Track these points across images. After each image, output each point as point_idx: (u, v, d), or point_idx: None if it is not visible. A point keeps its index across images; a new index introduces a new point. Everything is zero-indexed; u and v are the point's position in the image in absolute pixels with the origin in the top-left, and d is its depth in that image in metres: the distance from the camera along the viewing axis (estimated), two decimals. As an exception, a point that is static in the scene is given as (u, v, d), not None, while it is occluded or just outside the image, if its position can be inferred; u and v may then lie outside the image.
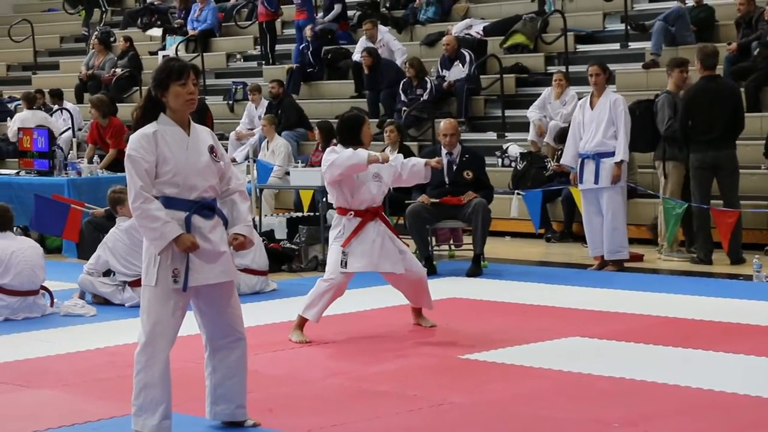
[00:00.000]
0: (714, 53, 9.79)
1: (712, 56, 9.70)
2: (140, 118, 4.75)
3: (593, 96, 9.65)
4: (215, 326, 4.86)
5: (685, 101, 9.73)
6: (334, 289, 6.76)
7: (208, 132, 4.88)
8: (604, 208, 9.54)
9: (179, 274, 4.65)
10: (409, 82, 14.04)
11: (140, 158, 4.62)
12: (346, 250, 6.72)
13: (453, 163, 9.71)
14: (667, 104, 9.87)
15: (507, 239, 11.79)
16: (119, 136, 11.80)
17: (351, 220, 6.80)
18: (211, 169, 4.75)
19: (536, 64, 14.63)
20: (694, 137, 9.64)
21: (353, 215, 6.79)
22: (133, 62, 17.68)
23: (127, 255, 8.20)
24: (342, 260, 6.71)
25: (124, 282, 8.27)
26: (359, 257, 6.72)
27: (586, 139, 9.56)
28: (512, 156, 12.70)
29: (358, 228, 6.77)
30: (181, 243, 4.62)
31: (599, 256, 9.68)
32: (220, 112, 16.32)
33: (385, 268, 6.83)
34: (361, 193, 6.79)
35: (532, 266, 10.10)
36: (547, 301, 8.08)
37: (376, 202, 6.87)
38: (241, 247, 4.81)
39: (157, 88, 4.72)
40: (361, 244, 6.74)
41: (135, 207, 4.61)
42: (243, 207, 4.85)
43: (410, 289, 7.05)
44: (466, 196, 9.54)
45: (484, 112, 14.33)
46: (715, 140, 9.59)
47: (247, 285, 8.55)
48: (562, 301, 8.07)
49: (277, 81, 14.85)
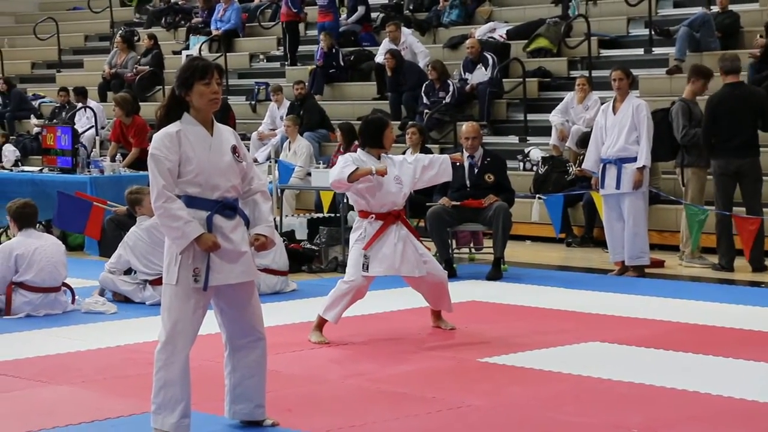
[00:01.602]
0: (735, 58, 9.76)
1: (733, 62, 9.67)
2: (164, 117, 4.76)
3: (616, 101, 9.62)
4: (235, 326, 4.88)
5: (708, 108, 9.69)
6: (354, 291, 6.78)
7: (231, 132, 4.90)
8: (625, 214, 9.51)
9: (200, 273, 4.67)
10: (432, 85, 14.03)
11: (163, 157, 4.64)
12: (368, 254, 6.73)
13: (474, 166, 9.70)
14: (682, 113, 9.84)
15: (527, 243, 11.76)
16: (142, 134, 11.85)
17: (372, 223, 6.81)
18: (234, 169, 4.77)
19: (559, 68, 14.60)
20: (717, 144, 9.59)
21: (375, 218, 6.81)
22: (156, 60, 17.76)
23: (147, 254, 8.25)
24: (364, 263, 6.73)
25: (144, 281, 8.32)
26: (380, 261, 6.74)
27: (608, 144, 9.53)
28: (534, 160, 12.67)
29: (380, 231, 6.78)
30: (203, 242, 4.64)
31: (620, 261, 9.65)
32: (243, 112, 16.37)
33: (406, 271, 6.85)
34: (382, 196, 6.79)
35: (552, 271, 10.07)
36: (567, 306, 8.06)
37: (398, 204, 6.88)
38: (262, 248, 4.83)
39: (181, 87, 4.73)
40: (382, 248, 6.75)
41: (157, 206, 4.63)
42: (265, 207, 4.87)
43: (430, 291, 7.06)
44: (487, 200, 9.53)
45: (507, 115, 14.31)
46: (738, 147, 9.54)
47: (267, 285, 8.57)
48: (582, 306, 8.05)
49: (300, 82, 14.88)
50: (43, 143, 12.36)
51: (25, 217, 8.01)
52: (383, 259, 6.74)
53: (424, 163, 7.02)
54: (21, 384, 6.00)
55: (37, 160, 13.86)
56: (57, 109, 16.71)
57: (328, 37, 16.02)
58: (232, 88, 17.40)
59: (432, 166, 7.02)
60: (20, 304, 7.87)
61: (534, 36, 14.87)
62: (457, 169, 9.67)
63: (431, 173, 7.04)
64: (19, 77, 19.49)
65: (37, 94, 18.51)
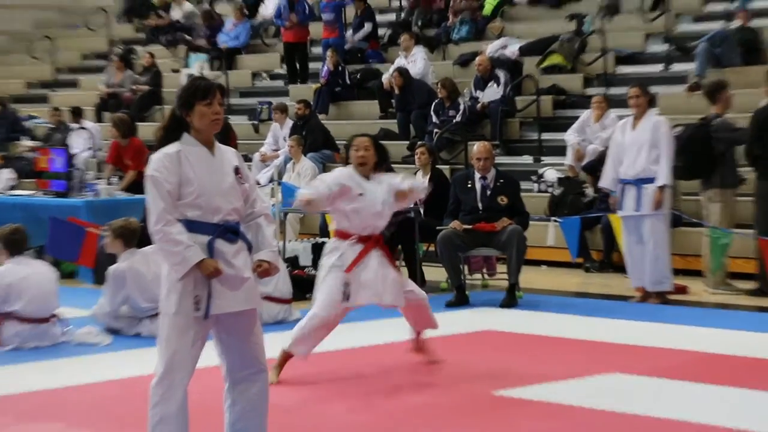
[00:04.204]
0: None
1: None
2: (163, 137, 4.72)
3: (635, 119, 9.56)
4: (236, 357, 4.80)
5: (755, 121, 9.61)
6: (329, 323, 6.57)
7: (233, 152, 4.84)
8: (645, 237, 9.43)
9: (201, 301, 4.60)
10: (441, 103, 14.00)
11: (162, 179, 4.58)
12: (349, 280, 6.55)
13: (487, 188, 9.64)
14: (731, 127, 9.77)
15: (543, 269, 11.70)
16: (140, 157, 11.80)
17: (353, 245, 6.62)
18: (236, 190, 4.71)
19: (574, 85, 14.57)
20: (761, 163, 9.50)
21: (356, 241, 6.66)
22: (155, 79, 17.77)
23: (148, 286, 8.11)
24: (344, 292, 6.52)
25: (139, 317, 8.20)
26: (363, 288, 6.51)
27: (627, 163, 9.47)
28: (549, 181, 12.63)
29: (362, 254, 6.58)
30: (205, 268, 4.57)
31: (641, 287, 9.57)
32: (245, 132, 16.36)
33: (390, 300, 6.65)
34: (367, 217, 6.62)
35: (569, 297, 10.01)
36: (586, 335, 7.99)
37: (379, 228, 6.74)
38: (265, 274, 4.76)
39: (182, 108, 4.69)
40: (363, 273, 6.54)
41: (156, 230, 4.57)
42: (268, 231, 4.80)
43: (411, 311, 6.93)
44: (500, 223, 9.46)
45: (520, 135, 14.27)
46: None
47: (269, 314, 8.48)
48: (601, 335, 7.97)
49: (303, 101, 14.86)
50: (35, 166, 12.33)
51: (14, 244, 7.94)
52: (366, 286, 6.51)
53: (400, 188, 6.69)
54: (7, 420, 5.90)
55: (32, 183, 13.82)
56: (51, 130, 16.70)
57: (334, 54, 16.03)
58: (233, 107, 17.40)
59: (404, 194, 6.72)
60: (9, 336, 7.78)
61: (547, 52, 14.85)
62: (469, 191, 9.63)
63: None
64: (12, 97, 19.51)
65: (32, 115, 18.51)
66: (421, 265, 10.47)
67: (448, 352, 7.40)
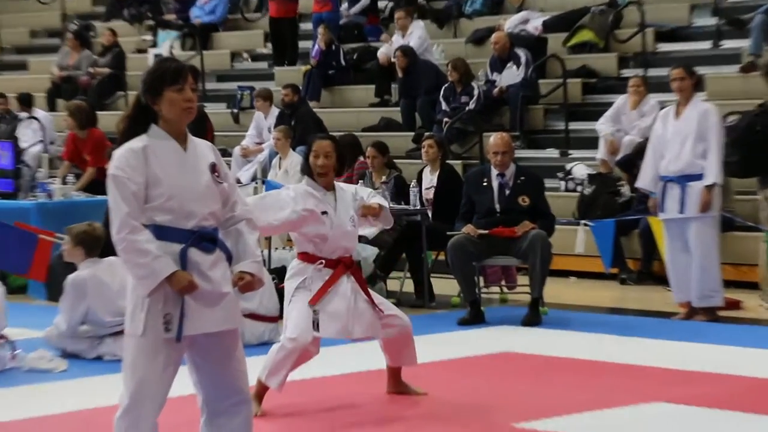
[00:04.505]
0: None
1: None
2: (127, 129, 4.74)
3: (678, 105, 9.59)
4: (214, 385, 4.82)
5: None
6: (301, 351, 6.60)
7: (209, 147, 4.87)
8: (691, 244, 9.46)
9: (172, 320, 4.62)
10: (452, 88, 14.03)
11: (126, 178, 4.61)
12: (317, 308, 6.61)
13: (505, 186, 9.67)
14: None
15: (572, 280, 11.72)
16: (100, 151, 11.84)
17: (321, 270, 6.67)
18: (213, 191, 4.73)
19: (608, 66, 14.60)
20: None
21: (323, 265, 6.70)
22: (117, 61, 17.80)
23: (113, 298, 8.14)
24: (314, 320, 6.59)
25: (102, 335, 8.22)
26: (332, 319, 6.58)
27: (669, 158, 9.50)
28: (578, 178, 12.65)
29: (330, 282, 6.64)
30: (176, 282, 4.59)
31: (686, 302, 9.59)
32: (223, 122, 16.39)
33: (361, 333, 6.70)
34: (335, 240, 6.62)
35: (602, 314, 10.03)
36: (622, 358, 8.01)
37: (350, 251, 6.78)
38: (248, 288, 4.78)
39: (148, 94, 4.71)
40: (332, 303, 6.60)
41: (120, 238, 4.59)
42: (251, 239, 4.82)
43: (389, 342, 6.88)
44: (521, 227, 9.49)
45: (544, 124, 14.30)
46: None
47: (253, 334, 8.52)
48: (640, 358, 7.99)
49: (291, 86, 14.89)
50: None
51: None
52: (335, 318, 6.58)
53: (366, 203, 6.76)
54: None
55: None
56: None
57: (327, 31, 16.06)
58: (209, 93, 17.44)
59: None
60: (-50, 361, 7.81)
61: (576, 28, 14.89)
62: (485, 190, 9.66)
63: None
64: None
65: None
66: (429, 276, 10.50)
67: (461, 377, 7.42)
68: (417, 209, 10.36)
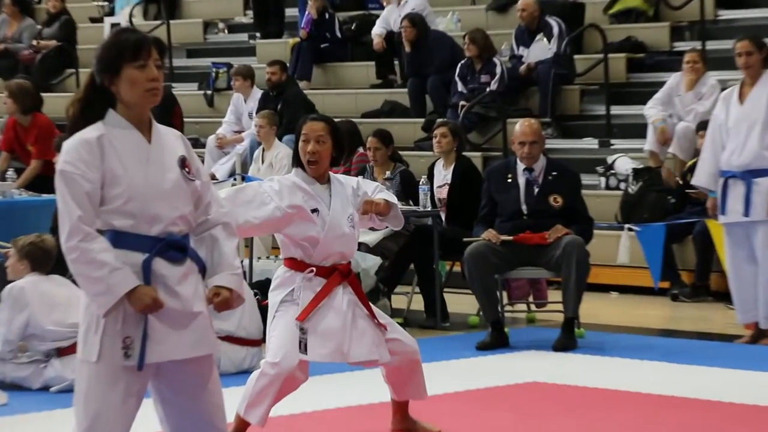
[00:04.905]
0: None
1: None
2: (78, 115, 4.76)
3: (743, 85, 9.63)
4: (184, 421, 4.85)
5: None
6: (284, 378, 6.57)
7: (178, 137, 4.89)
8: (758, 252, 9.49)
9: (132, 345, 4.65)
10: (470, 65, 14.07)
11: (79, 175, 4.63)
12: (305, 326, 6.58)
13: (534, 183, 9.70)
14: None
15: (613, 296, 11.74)
16: (46, 141, 11.87)
17: (311, 280, 6.60)
18: (183, 190, 4.76)
19: (658, 38, 14.62)
20: None
21: (314, 274, 6.70)
22: (66, 32, 17.83)
23: (57, 307, 8.17)
24: (301, 341, 6.53)
25: (47, 353, 8.25)
26: (324, 339, 6.51)
27: (731, 148, 9.53)
28: (621, 174, 12.66)
29: (322, 294, 6.58)
30: (137, 299, 4.62)
31: (752, 322, 9.62)
32: (194, 106, 16.42)
33: (359, 356, 6.59)
34: (328, 243, 6.54)
35: (650, 336, 10.05)
36: (674, 389, 8.02)
37: (347, 256, 6.73)
38: (225, 306, 4.80)
39: (104, 73, 4.73)
40: (324, 320, 6.55)
41: (70, 247, 4.60)
42: (228, 247, 4.85)
43: (394, 371, 6.85)
44: (552, 232, 9.52)
45: (580, 108, 14.33)
46: None
47: (231, 360, 8.56)
48: (695, 389, 8.01)
49: (276, 63, 14.92)
50: None
51: None
52: (328, 337, 6.51)
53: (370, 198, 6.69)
54: None
55: None
56: None
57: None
58: (178, 71, 17.48)
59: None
60: None
61: (620, -9, 14.92)
62: (509, 188, 9.69)
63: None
64: None
65: None
66: (441, 292, 10.53)
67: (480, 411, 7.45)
68: (428, 211, 10.39)
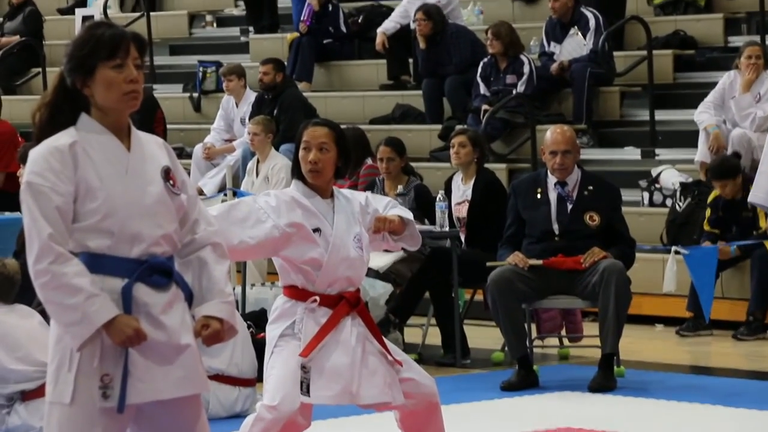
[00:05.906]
0: None
1: None
2: (47, 121, 4.77)
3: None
4: (168, 471, 4.88)
5: None
6: (283, 424, 6.56)
7: (160, 145, 4.90)
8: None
9: (111, 384, 4.66)
10: (494, 64, 14.08)
11: (48, 188, 4.64)
12: (308, 364, 6.55)
13: (567, 199, 9.71)
14: None
15: (658, 329, 11.73)
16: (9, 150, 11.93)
17: (314, 311, 6.61)
18: (167, 206, 4.77)
19: (710, 32, 14.63)
20: None
21: (317, 303, 6.73)
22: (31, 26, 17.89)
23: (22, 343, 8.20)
24: (303, 381, 6.53)
25: (11, 397, 8.28)
26: (328, 380, 6.52)
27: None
28: (668, 189, 12.65)
29: (328, 327, 6.58)
30: (117, 331, 4.62)
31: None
32: (179, 111, 16.44)
33: (369, 398, 6.61)
34: (332, 268, 6.52)
35: (700, 376, 10.06)
36: (728, 436, 8.06)
37: (355, 283, 6.74)
38: (214, 339, 4.81)
39: (76, 73, 4.74)
40: (330, 357, 6.54)
41: (40, 270, 4.60)
42: (218, 271, 4.85)
43: (409, 415, 6.83)
44: (588, 256, 9.52)
45: (621, 113, 14.32)
46: None
47: (221, 402, 8.57)
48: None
49: (271, 61, 14.93)
50: None
51: None
52: (334, 377, 6.46)
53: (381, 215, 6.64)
54: None
55: None
56: None
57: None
58: (160, 71, 17.50)
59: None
60: None
61: (666, -21, 14.94)
62: (538, 205, 9.70)
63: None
64: None
65: None
66: (461, 324, 10.53)
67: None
68: (445, 232, 10.38)
